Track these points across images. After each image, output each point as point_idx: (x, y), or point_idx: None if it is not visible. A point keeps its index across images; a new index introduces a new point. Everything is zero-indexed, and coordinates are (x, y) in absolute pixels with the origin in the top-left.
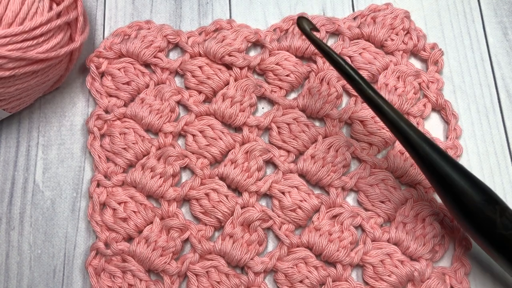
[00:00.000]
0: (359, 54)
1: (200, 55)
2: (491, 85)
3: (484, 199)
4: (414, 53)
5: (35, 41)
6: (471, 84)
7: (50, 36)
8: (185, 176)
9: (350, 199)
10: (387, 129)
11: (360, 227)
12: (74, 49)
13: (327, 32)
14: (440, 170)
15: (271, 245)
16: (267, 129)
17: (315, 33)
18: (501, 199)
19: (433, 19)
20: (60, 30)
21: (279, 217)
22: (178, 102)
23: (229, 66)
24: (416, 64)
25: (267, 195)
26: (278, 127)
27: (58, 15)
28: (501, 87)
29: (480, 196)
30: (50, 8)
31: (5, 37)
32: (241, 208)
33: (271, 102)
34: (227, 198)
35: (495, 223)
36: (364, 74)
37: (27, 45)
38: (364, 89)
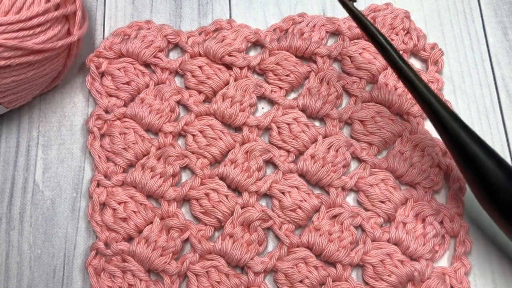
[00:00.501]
0: (359, 54)
1: (200, 55)
2: (491, 85)
3: (508, 177)
4: (414, 53)
5: (31, 31)
6: (471, 84)
7: (47, 28)
8: (185, 176)
9: (350, 199)
10: (415, 101)
11: (360, 227)
12: (72, 44)
13: (327, 32)
14: (466, 147)
15: (271, 245)
16: (267, 129)
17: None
18: None
19: (433, 19)
20: (57, 22)
21: (279, 217)
22: (178, 102)
23: (229, 66)
24: (416, 64)
25: (267, 195)
26: (278, 127)
27: (56, 7)
28: (501, 87)
29: (504, 175)
30: (48, 0)
31: (0, 25)
32: (241, 208)
33: (271, 102)
34: (227, 198)
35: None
36: (364, 74)
37: (23, 34)
38: (395, 60)
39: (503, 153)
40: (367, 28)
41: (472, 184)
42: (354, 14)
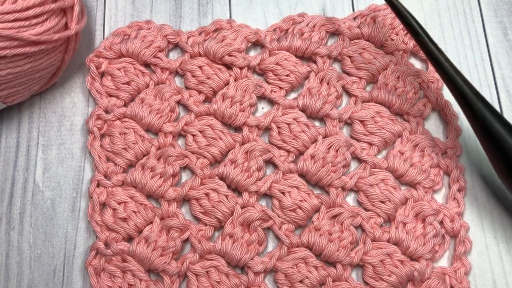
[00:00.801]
0: (359, 54)
1: (200, 55)
2: (491, 85)
3: None
4: (414, 53)
5: (27, 22)
6: None
7: (44, 20)
8: (185, 176)
9: (350, 199)
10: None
11: (360, 227)
12: (70, 39)
13: (327, 32)
14: (491, 126)
15: (271, 245)
16: (267, 129)
17: None
18: None
19: (433, 19)
20: (55, 15)
21: (279, 217)
22: (178, 102)
23: (229, 66)
24: (416, 64)
25: (267, 195)
26: (278, 127)
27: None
28: (501, 87)
29: None
30: None
31: None
32: (241, 208)
33: (271, 102)
34: (227, 198)
35: None
36: (364, 74)
37: (19, 25)
38: (426, 43)
39: None
40: (400, 13)
41: (493, 162)
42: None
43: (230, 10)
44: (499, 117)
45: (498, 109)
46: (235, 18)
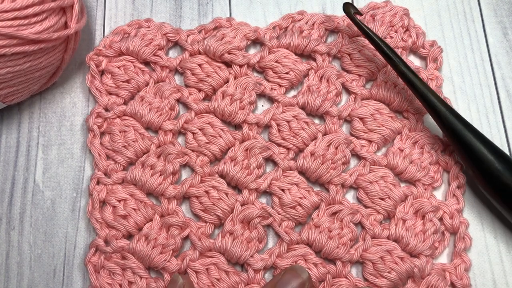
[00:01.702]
0: (359, 51)
1: (199, 53)
2: (491, 85)
3: (503, 167)
4: (413, 51)
5: (27, 21)
6: (471, 84)
7: (43, 18)
8: (185, 174)
9: (350, 196)
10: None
11: (359, 224)
12: (69, 38)
13: (326, 29)
14: (465, 139)
15: (271, 242)
16: (267, 126)
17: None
18: None
19: (433, 19)
20: (54, 14)
21: (279, 214)
22: (178, 100)
23: (228, 64)
24: (415, 61)
25: (267, 193)
26: (277, 125)
27: None
28: (501, 87)
29: (499, 163)
30: None
31: None
32: (241, 205)
33: (271, 99)
34: (227, 196)
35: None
36: (363, 71)
37: (18, 23)
38: (397, 66)
39: None
40: (373, 40)
41: (471, 171)
42: (361, 27)
43: (230, 10)
44: (468, 125)
45: (498, 109)
46: (235, 18)
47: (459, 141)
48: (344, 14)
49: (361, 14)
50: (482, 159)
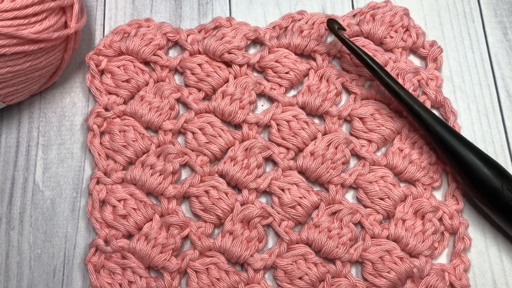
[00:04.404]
0: None
1: (199, 52)
2: (491, 85)
3: (490, 172)
4: (413, 50)
5: (26, 20)
6: (471, 84)
7: (43, 18)
8: (184, 174)
9: (350, 196)
10: (405, 113)
11: (359, 223)
12: (69, 38)
13: (326, 29)
14: (452, 146)
15: (270, 242)
16: (267, 126)
17: (343, 31)
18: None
19: (433, 19)
20: (54, 14)
21: (278, 214)
22: (178, 100)
23: (228, 64)
24: (415, 61)
25: (267, 192)
26: (277, 124)
27: None
28: (501, 87)
29: (486, 168)
30: None
31: None
32: (241, 205)
33: (271, 99)
34: (226, 195)
35: (500, 193)
36: (363, 71)
37: (18, 23)
38: (383, 78)
39: (503, 153)
40: (357, 54)
41: (457, 175)
42: (345, 42)
43: (230, 10)
44: (453, 133)
45: (498, 109)
46: (235, 17)
47: (446, 148)
48: (345, 14)
49: (344, 29)
50: (469, 165)
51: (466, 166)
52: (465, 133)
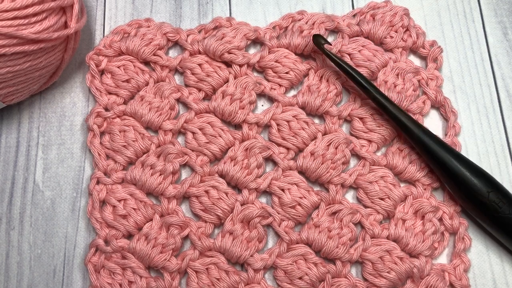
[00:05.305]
0: (359, 51)
1: (199, 52)
2: (491, 85)
3: (478, 181)
4: (413, 50)
5: (26, 20)
6: (471, 84)
7: (43, 18)
8: (184, 174)
9: (350, 196)
10: (393, 126)
11: (359, 224)
12: (69, 38)
13: (326, 29)
14: (442, 159)
15: (270, 242)
16: (267, 126)
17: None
18: (496, 182)
19: (433, 19)
20: (54, 14)
21: (278, 214)
22: (178, 100)
23: (228, 64)
24: (416, 61)
25: (267, 192)
26: (277, 124)
27: None
28: (501, 87)
29: (474, 179)
30: None
31: None
32: (241, 205)
33: (271, 99)
34: (226, 195)
35: (486, 203)
36: (363, 71)
37: (18, 23)
38: (370, 92)
39: (503, 153)
40: (345, 70)
41: (447, 185)
42: (330, 57)
43: (230, 10)
44: (442, 144)
45: (498, 109)
46: (235, 17)
47: (434, 160)
48: (345, 14)
49: (330, 44)
50: (456, 176)
51: (453, 177)
52: (465, 133)
